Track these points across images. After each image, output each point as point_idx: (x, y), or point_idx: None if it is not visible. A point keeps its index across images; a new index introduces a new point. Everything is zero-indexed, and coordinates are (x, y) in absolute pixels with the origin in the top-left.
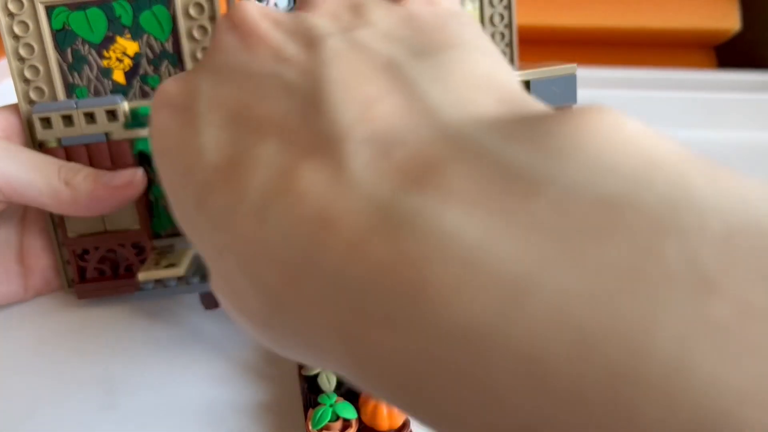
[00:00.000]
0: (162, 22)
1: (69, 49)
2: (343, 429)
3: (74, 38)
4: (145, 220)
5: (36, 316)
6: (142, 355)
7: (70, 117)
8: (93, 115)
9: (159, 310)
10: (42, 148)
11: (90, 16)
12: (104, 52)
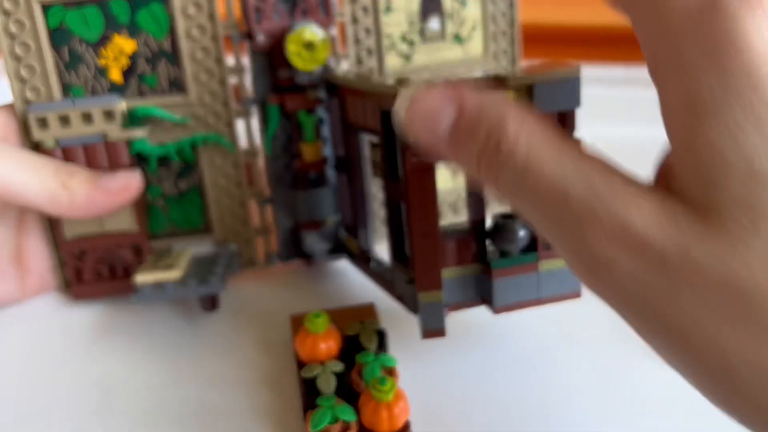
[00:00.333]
0: (160, 20)
1: (65, 48)
2: (343, 431)
3: (70, 37)
4: (142, 222)
5: (31, 316)
6: (138, 356)
7: (67, 117)
8: (90, 116)
9: (155, 311)
10: (38, 148)
11: (87, 15)
12: (101, 50)
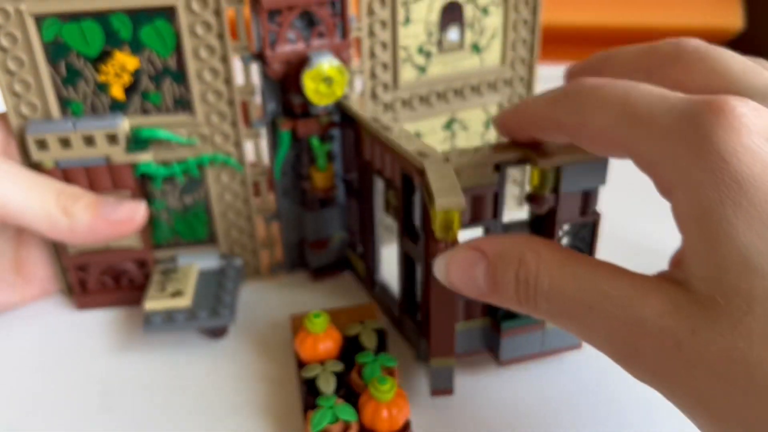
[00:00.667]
0: (165, 37)
1: (62, 62)
2: (343, 431)
3: (67, 51)
4: (147, 238)
5: (32, 317)
6: (138, 357)
7: (68, 140)
8: (92, 138)
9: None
10: (38, 168)
11: (85, 29)
12: (101, 66)
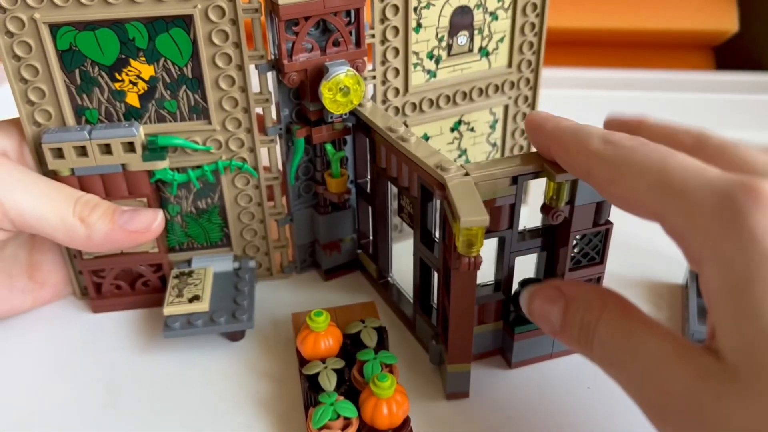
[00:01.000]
0: (181, 46)
1: (77, 71)
2: (344, 428)
3: (82, 59)
4: (162, 243)
5: (45, 320)
6: (143, 354)
7: (84, 148)
8: (109, 146)
9: (157, 312)
10: (54, 175)
11: (100, 37)
12: (116, 74)
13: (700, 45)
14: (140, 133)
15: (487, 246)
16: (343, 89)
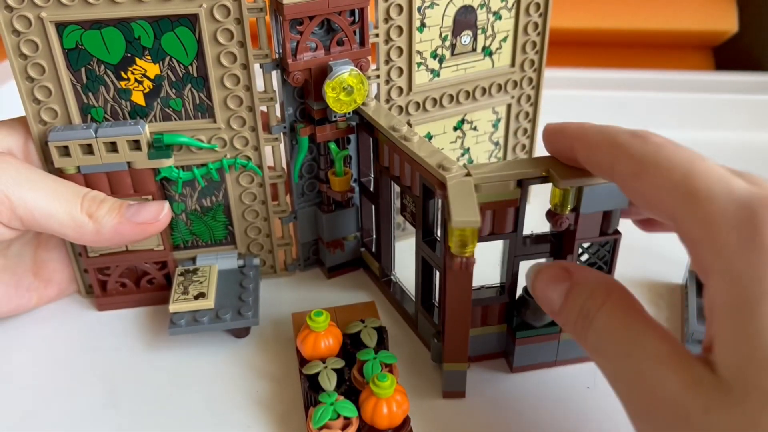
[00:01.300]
0: (186, 44)
1: (83, 69)
2: (344, 427)
3: (89, 58)
4: (167, 240)
5: (43, 314)
6: (144, 353)
7: (90, 146)
8: (114, 144)
9: (158, 314)
10: (60, 173)
11: (106, 36)
12: (122, 73)
13: (700, 45)
14: (146, 131)
15: (492, 248)
16: (346, 88)
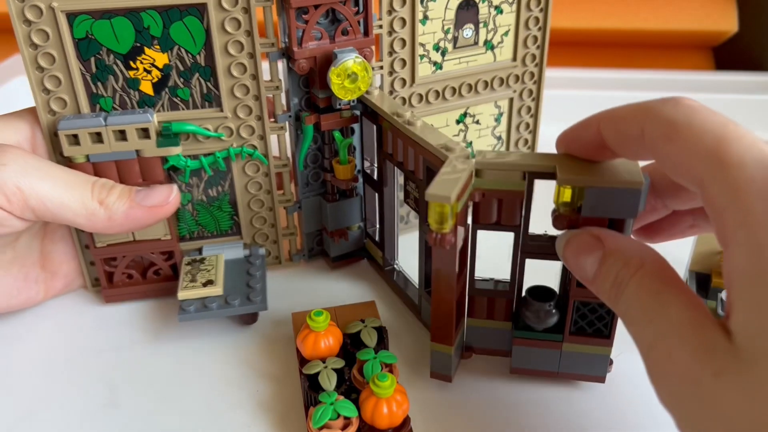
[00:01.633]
0: (194, 34)
1: (92, 59)
2: (344, 427)
3: (98, 48)
4: (173, 229)
5: (38, 314)
6: (144, 354)
7: (100, 134)
8: (124, 132)
9: (161, 309)
10: (68, 162)
11: (115, 26)
12: (131, 62)
13: (700, 45)
14: (154, 119)
15: (502, 240)
16: (351, 75)
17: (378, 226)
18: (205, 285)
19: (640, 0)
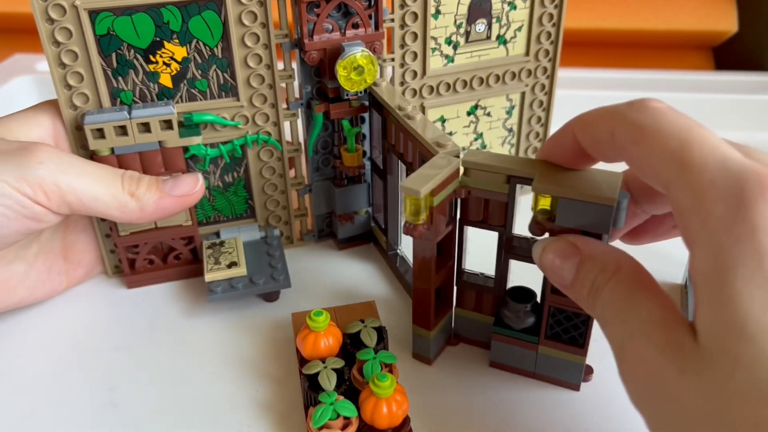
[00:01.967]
0: (212, 27)
1: (114, 54)
2: (344, 427)
3: (119, 43)
4: (194, 215)
5: (37, 314)
6: (144, 354)
7: (124, 127)
8: (147, 125)
9: (161, 309)
10: (93, 156)
11: (136, 22)
12: (151, 57)
13: (700, 45)
14: (176, 112)
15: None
16: (357, 68)
17: (383, 213)
18: (229, 266)
19: (640, 0)
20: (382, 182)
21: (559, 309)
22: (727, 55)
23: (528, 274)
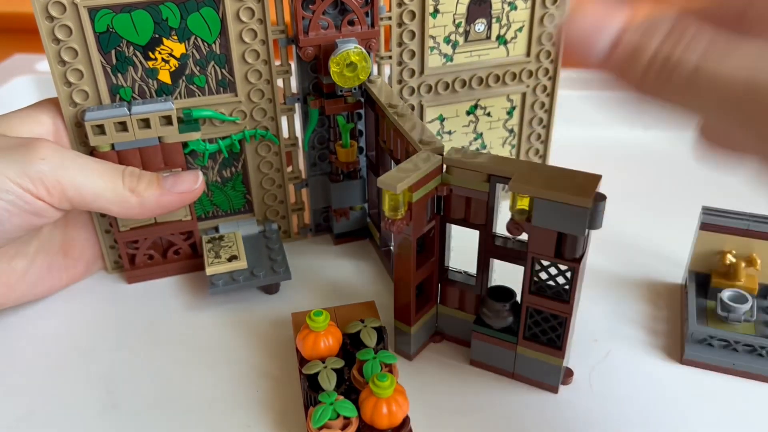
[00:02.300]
0: (210, 24)
1: (113, 51)
2: (344, 427)
3: (118, 40)
4: (193, 210)
5: (37, 314)
6: (144, 354)
7: (125, 123)
8: (147, 121)
9: (160, 310)
10: (94, 152)
11: (135, 19)
12: (150, 53)
13: None
14: (174, 108)
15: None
16: (350, 64)
17: (377, 209)
18: (230, 260)
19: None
20: (375, 178)
21: (537, 310)
22: None
23: (511, 275)
